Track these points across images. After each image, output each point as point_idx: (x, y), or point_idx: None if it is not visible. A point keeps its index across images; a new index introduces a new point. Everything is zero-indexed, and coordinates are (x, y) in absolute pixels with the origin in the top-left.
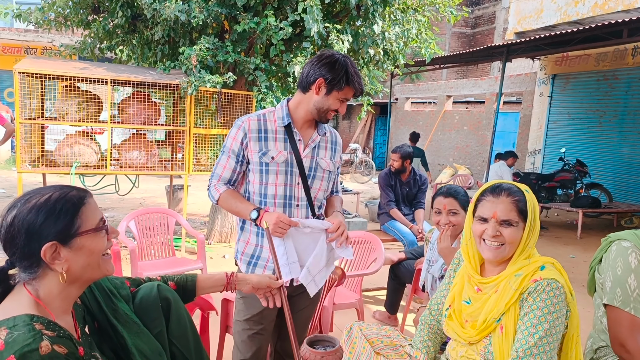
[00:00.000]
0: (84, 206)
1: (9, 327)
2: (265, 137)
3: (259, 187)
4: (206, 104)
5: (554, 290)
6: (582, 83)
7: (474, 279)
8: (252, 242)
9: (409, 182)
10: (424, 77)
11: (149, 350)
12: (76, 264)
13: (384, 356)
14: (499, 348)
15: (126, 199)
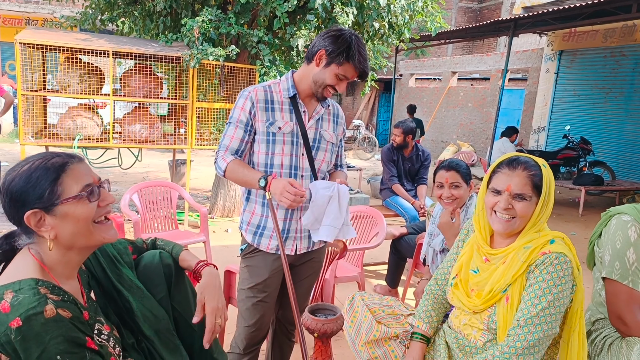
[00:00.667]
0: (65, 173)
1: (14, 290)
2: (272, 107)
3: (265, 157)
4: (209, 77)
5: (561, 264)
6: (589, 59)
7: (483, 249)
8: (257, 212)
9: (411, 157)
10: (429, 53)
11: (153, 314)
12: (63, 231)
13: (385, 325)
14: (503, 318)
15: (129, 173)
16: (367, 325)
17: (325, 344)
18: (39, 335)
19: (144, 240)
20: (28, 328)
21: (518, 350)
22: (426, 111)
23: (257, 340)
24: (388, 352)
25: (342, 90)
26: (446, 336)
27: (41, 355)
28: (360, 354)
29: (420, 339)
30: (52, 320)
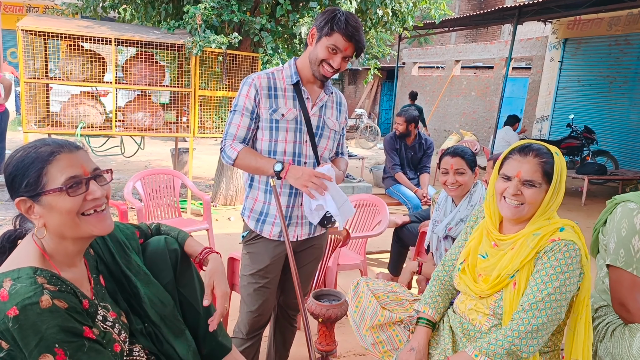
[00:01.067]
0: (50, 164)
1: (13, 279)
2: (275, 94)
3: (268, 145)
4: (211, 65)
5: (570, 252)
6: (594, 48)
7: (492, 235)
8: (260, 199)
9: (414, 146)
10: (432, 41)
11: (159, 300)
12: (51, 221)
13: (389, 310)
14: (510, 303)
15: (131, 161)
16: (372, 311)
17: (329, 329)
18: (35, 324)
19: (148, 225)
20: (24, 317)
21: (521, 334)
22: (429, 100)
23: (259, 326)
24: (392, 336)
25: (338, 65)
26: (450, 321)
27: (39, 344)
28: (365, 338)
29: (426, 324)
30: (48, 311)
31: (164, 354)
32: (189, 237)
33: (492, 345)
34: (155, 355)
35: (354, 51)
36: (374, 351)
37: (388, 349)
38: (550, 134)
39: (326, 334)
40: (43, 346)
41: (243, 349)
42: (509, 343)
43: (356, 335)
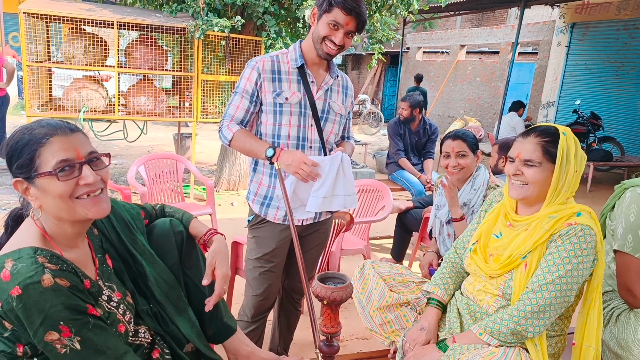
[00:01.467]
0: (44, 146)
1: (14, 259)
2: (279, 77)
3: (272, 128)
4: (214, 49)
5: (585, 236)
6: (602, 32)
7: (510, 215)
8: (264, 183)
9: (418, 131)
10: (437, 25)
11: (163, 279)
12: (46, 203)
13: (396, 292)
14: (519, 284)
15: (134, 146)
16: (379, 292)
17: (334, 311)
18: (38, 303)
19: (152, 205)
20: (27, 296)
21: (527, 314)
22: (433, 85)
23: (264, 309)
24: (400, 316)
25: (340, 40)
26: (458, 303)
27: (44, 322)
28: (372, 319)
29: (437, 305)
30: (50, 289)
31: (169, 334)
32: (194, 219)
33: (497, 324)
34: (161, 336)
35: (356, 25)
36: (381, 332)
37: (396, 329)
38: (556, 120)
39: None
40: (48, 324)
41: (248, 332)
42: (515, 323)
43: (361, 317)
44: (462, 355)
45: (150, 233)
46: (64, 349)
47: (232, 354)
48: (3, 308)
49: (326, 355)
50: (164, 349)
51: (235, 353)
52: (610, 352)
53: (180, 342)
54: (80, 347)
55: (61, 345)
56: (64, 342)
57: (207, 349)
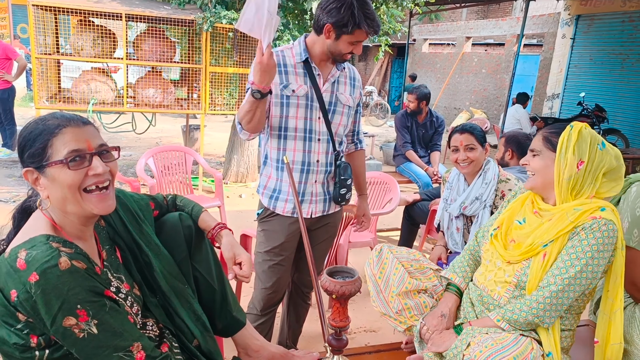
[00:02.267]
0: (56, 136)
1: (27, 248)
2: (285, 70)
3: (279, 121)
4: (222, 41)
5: (609, 231)
6: (607, 24)
7: (537, 203)
8: (272, 176)
9: (425, 124)
10: (442, 17)
11: (167, 272)
12: (54, 194)
13: (416, 279)
14: (536, 273)
15: (142, 138)
16: (399, 278)
17: (343, 305)
18: (57, 287)
19: (164, 196)
20: (45, 281)
21: (546, 306)
22: (439, 77)
23: (274, 302)
24: (419, 303)
25: (359, 51)
26: (470, 293)
27: (62, 306)
28: (390, 304)
29: (456, 292)
30: (68, 272)
31: (177, 327)
32: (204, 212)
33: (516, 314)
34: (169, 329)
35: (366, 35)
36: (398, 318)
37: (415, 314)
38: (561, 112)
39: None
40: (66, 309)
41: (257, 325)
42: (533, 315)
43: (376, 301)
44: (475, 338)
45: (161, 228)
46: (82, 333)
47: (242, 347)
48: (19, 298)
49: (335, 349)
50: (172, 343)
51: (245, 347)
52: None
53: (188, 336)
54: (98, 330)
55: (79, 330)
56: (81, 327)
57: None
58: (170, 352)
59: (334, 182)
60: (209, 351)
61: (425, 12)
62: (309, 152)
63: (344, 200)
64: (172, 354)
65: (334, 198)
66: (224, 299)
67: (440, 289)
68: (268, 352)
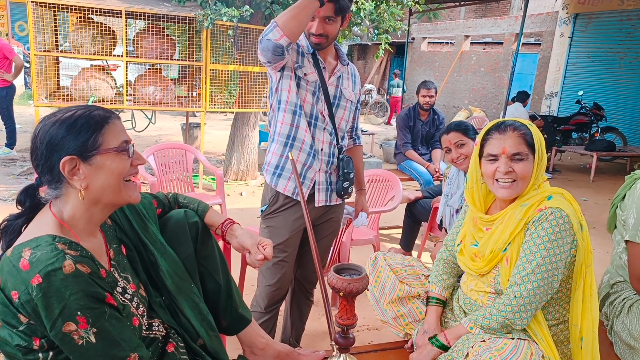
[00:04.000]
0: (108, 125)
1: (32, 248)
2: (301, 52)
3: (291, 95)
4: (222, 39)
5: (557, 219)
6: (604, 23)
7: (483, 220)
8: (276, 153)
9: (428, 121)
10: (441, 16)
11: (173, 271)
12: (95, 182)
13: (407, 284)
14: (505, 279)
15: (142, 135)
16: (391, 285)
17: (350, 303)
18: (59, 291)
19: (165, 194)
20: (48, 284)
21: (514, 307)
22: (438, 76)
23: (277, 299)
24: (413, 309)
25: (318, 29)
26: (460, 299)
27: (62, 312)
28: (386, 312)
29: (436, 303)
30: (72, 276)
31: (182, 327)
32: (210, 209)
33: (487, 319)
34: (175, 329)
35: (332, 10)
36: (395, 324)
37: (409, 321)
38: (560, 110)
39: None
40: (66, 314)
41: (261, 323)
42: (503, 317)
43: (375, 309)
44: (472, 348)
45: (165, 225)
46: (81, 340)
47: (247, 345)
48: (20, 299)
49: (342, 347)
50: (178, 343)
51: (250, 345)
52: (622, 343)
53: (193, 335)
54: (96, 339)
55: (79, 337)
56: (80, 334)
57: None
58: (176, 352)
59: (337, 175)
60: (214, 351)
61: (425, 10)
62: (314, 139)
63: (346, 193)
64: (178, 353)
65: (337, 191)
66: (229, 295)
67: None
68: (274, 350)
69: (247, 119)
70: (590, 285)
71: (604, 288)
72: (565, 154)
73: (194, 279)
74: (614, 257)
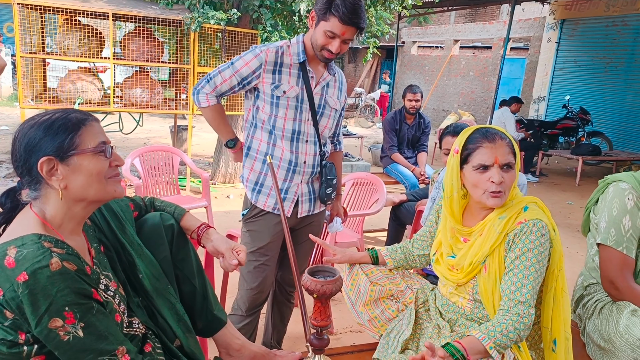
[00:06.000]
0: (85, 127)
1: (17, 246)
2: (280, 70)
3: (269, 119)
4: (210, 42)
5: (540, 230)
6: (591, 29)
7: (460, 232)
8: (256, 169)
9: (414, 125)
10: (431, 20)
11: (150, 272)
12: (74, 182)
13: (380, 285)
14: (484, 288)
15: (130, 138)
16: (364, 288)
17: (324, 304)
18: (46, 288)
19: (142, 198)
20: (34, 282)
21: (526, 325)
22: (428, 79)
23: (259, 302)
24: (385, 309)
25: (337, 49)
26: (436, 301)
27: (49, 308)
28: (362, 315)
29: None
30: (58, 273)
31: (159, 327)
32: (187, 213)
33: (505, 336)
34: (152, 330)
35: (353, 33)
36: (371, 326)
37: (383, 322)
38: (547, 114)
39: (321, 310)
40: (53, 310)
41: (242, 326)
42: (518, 336)
43: (352, 313)
44: None
45: (141, 227)
46: (67, 335)
47: (223, 347)
48: (5, 297)
49: (316, 349)
50: (155, 343)
51: (226, 347)
52: (594, 345)
53: (170, 336)
54: (84, 333)
55: (64, 332)
56: (67, 329)
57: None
58: (153, 352)
59: (319, 182)
60: (191, 351)
61: (414, 15)
62: (297, 153)
63: (329, 199)
64: (155, 354)
65: (320, 197)
66: (205, 297)
67: (406, 295)
68: (250, 352)
69: (234, 122)
70: (562, 288)
71: (578, 290)
72: (552, 157)
73: (170, 282)
74: (587, 260)
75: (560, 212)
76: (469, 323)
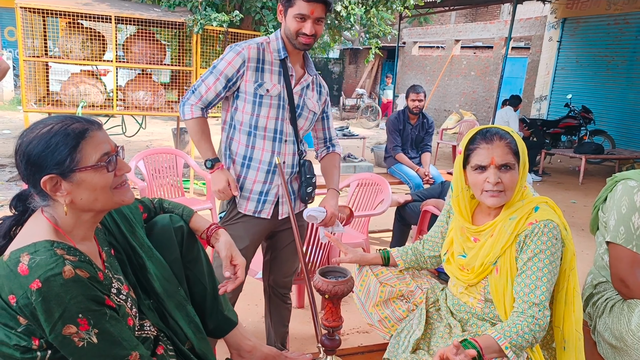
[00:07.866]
0: (85, 140)
1: (30, 253)
2: (262, 67)
3: (250, 118)
4: (212, 44)
5: (551, 231)
6: (592, 27)
7: (470, 230)
8: (235, 172)
9: (417, 125)
10: (432, 20)
11: (160, 274)
12: (79, 196)
13: (390, 285)
14: (495, 288)
15: (133, 140)
16: (373, 288)
17: (335, 305)
18: (59, 295)
19: (150, 199)
20: (48, 289)
21: (542, 327)
22: (429, 80)
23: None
24: (395, 309)
25: (310, 30)
26: (447, 300)
27: (63, 315)
28: (371, 315)
29: (383, 254)
30: (71, 281)
31: (171, 329)
32: (195, 214)
33: (520, 337)
34: (164, 332)
35: (322, 10)
36: (381, 327)
37: (394, 322)
38: (549, 113)
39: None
40: (67, 317)
41: None
42: (533, 337)
43: (362, 313)
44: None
45: (151, 229)
46: (81, 342)
47: (235, 348)
48: (18, 303)
49: (328, 349)
50: (167, 345)
51: (237, 348)
52: (605, 343)
53: (181, 338)
54: (97, 340)
55: (79, 339)
56: (81, 336)
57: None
58: (165, 355)
59: (298, 182)
60: (202, 353)
61: (415, 15)
62: (277, 154)
63: (310, 198)
64: (167, 356)
65: (301, 197)
66: (215, 298)
67: (416, 295)
68: (261, 353)
69: None
70: (574, 287)
71: (588, 289)
72: (555, 156)
73: (181, 283)
74: (596, 258)
75: (564, 211)
76: (481, 322)
